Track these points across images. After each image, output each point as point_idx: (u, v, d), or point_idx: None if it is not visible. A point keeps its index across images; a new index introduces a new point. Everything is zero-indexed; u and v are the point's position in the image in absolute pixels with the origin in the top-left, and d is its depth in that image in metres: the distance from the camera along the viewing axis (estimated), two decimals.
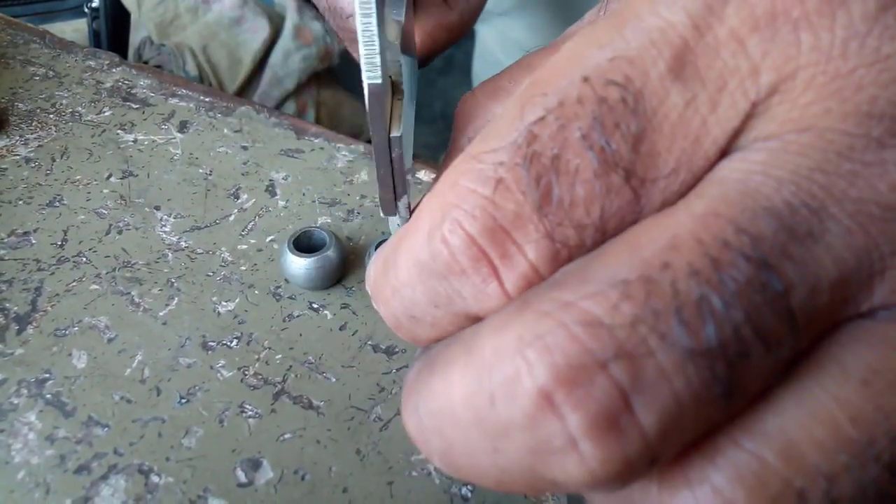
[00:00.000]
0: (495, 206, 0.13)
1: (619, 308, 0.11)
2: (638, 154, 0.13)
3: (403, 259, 0.14)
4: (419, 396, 0.14)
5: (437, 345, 0.15)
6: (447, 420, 0.13)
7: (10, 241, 0.30)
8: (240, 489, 0.22)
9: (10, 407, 0.24)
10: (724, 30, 0.12)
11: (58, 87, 0.38)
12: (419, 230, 0.14)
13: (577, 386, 0.11)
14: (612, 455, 0.11)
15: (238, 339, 0.26)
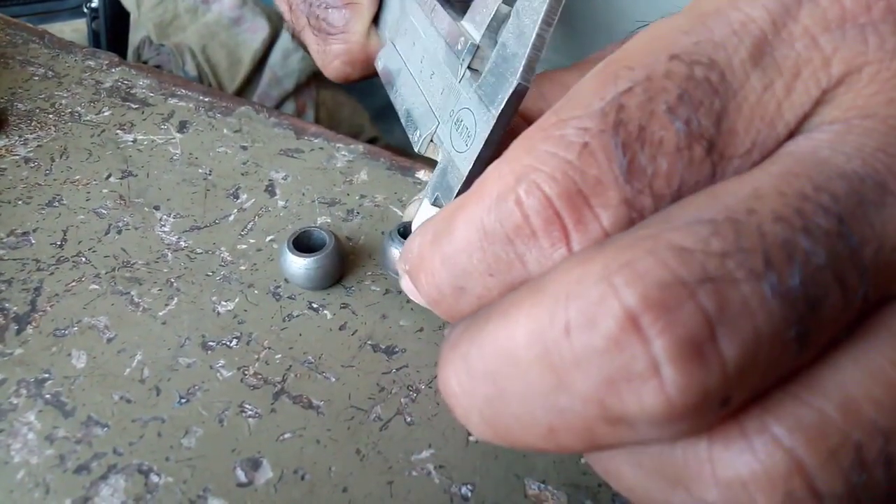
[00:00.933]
0: (577, 170, 0.13)
1: (708, 241, 0.12)
2: (720, 131, 0.13)
3: (463, 224, 0.15)
4: (469, 346, 0.14)
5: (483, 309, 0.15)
6: (504, 363, 0.13)
7: (9, 240, 0.30)
8: (239, 489, 0.22)
9: (10, 407, 0.24)
10: (799, 27, 0.13)
11: (57, 86, 0.38)
12: (486, 194, 0.14)
13: (666, 310, 0.11)
14: (693, 383, 0.11)
15: (238, 338, 0.26)
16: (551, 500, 0.22)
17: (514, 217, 0.14)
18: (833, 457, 0.12)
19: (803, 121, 0.13)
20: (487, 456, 0.23)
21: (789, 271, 0.12)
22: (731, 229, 0.12)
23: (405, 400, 0.25)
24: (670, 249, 0.12)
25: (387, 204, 0.32)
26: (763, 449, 0.12)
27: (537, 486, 0.23)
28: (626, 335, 0.11)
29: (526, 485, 0.23)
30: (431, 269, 0.16)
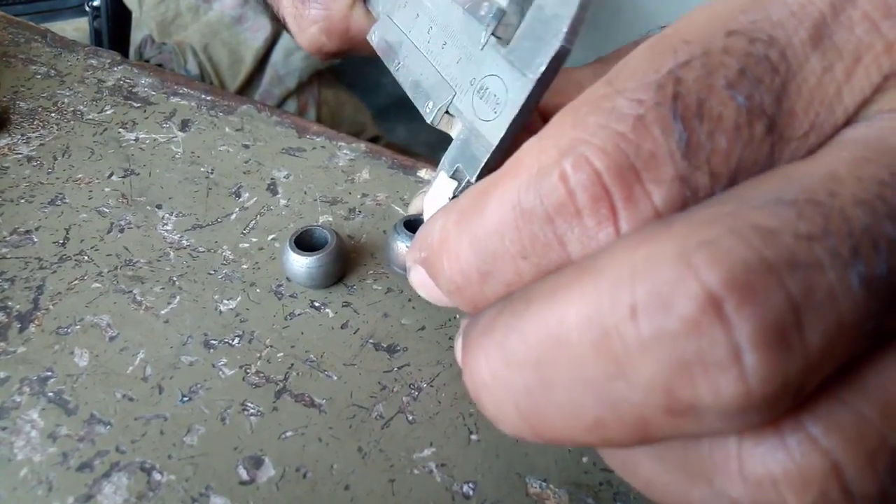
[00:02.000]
0: (631, 143, 0.12)
1: (794, 223, 0.11)
2: (780, 110, 0.13)
3: (496, 202, 0.14)
4: (506, 331, 0.13)
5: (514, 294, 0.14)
6: (551, 349, 0.12)
7: (12, 239, 0.30)
8: (242, 487, 0.22)
9: (13, 405, 0.24)
10: (858, 12, 0.13)
11: (59, 85, 0.38)
12: (523, 169, 0.13)
13: (753, 293, 0.11)
14: (775, 372, 0.11)
15: (240, 337, 0.26)
16: (553, 498, 0.22)
17: (558, 193, 0.13)
18: (870, 460, 0.11)
19: (862, 107, 0.13)
20: (489, 454, 0.23)
21: (876, 259, 0.11)
22: (817, 211, 0.11)
23: (407, 398, 0.25)
24: (755, 230, 0.11)
25: (388, 202, 0.32)
26: (798, 448, 0.11)
27: (539, 484, 0.23)
28: (706, 318, 0.11)
29: (527, 483, 0.23)
30: (456, 252, 0.15)
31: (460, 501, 0.22)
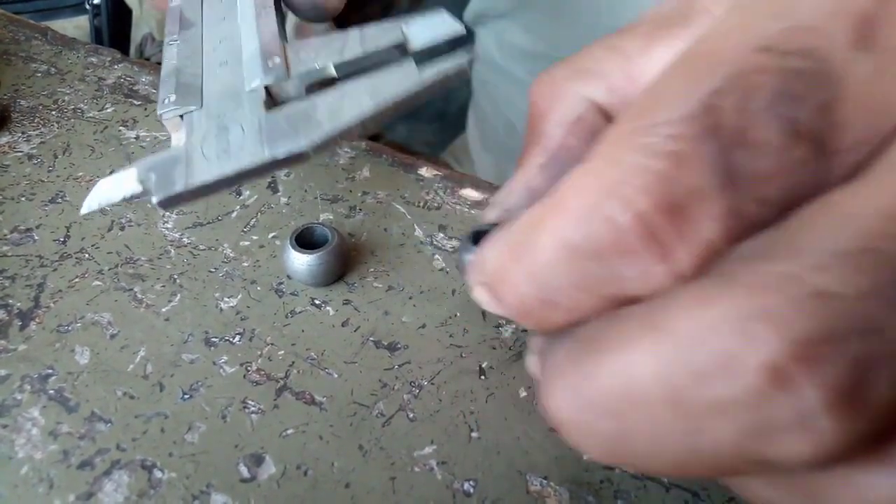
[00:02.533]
0: (672, 180, 0.12)
1: (853, 283, 0.11)
2: (824, 126, 0.12)
3: (547, 240, 0.14)
4: (580, 378, 0.13)
5: (583, 327, 0.14)
6: (627, 399, 0.12)
7: (12, 237, 0.30)
8: (242, 484, 0.22)
9: (14, 402, 0.24)
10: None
11: (60, 83, 0.38)
12: (568, 208, 0.13)
13: (818, 362, 0.11)
14: (849, 429, 0.11)
15: (240, 335, 0.26)
16: (553, 496, 0.22)
17: (605, 234, 0.12)
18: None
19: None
20: (490, 452, 0.23)
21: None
22: (876, 262, 0.11)
23: (407, 396, 0.25)
24: (815, 296, 0.11)
25: (389, 200, 0.32)
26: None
27: (539, 482, 0.23)
28: (772, 388, 0.11)
29: (528, 481, 0.23)
30: (513, 284, 0.15)
31: (461, 499, 0.22)
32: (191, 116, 0.23)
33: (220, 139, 0.22)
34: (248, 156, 0.21)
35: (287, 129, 0.21)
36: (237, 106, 0.23)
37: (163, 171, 0.21)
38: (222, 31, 0.27)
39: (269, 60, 0.24)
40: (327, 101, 0.22)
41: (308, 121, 0.21)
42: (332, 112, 0.21)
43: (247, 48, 0.25)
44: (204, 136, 0.22)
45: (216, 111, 0.23)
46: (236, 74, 0.24)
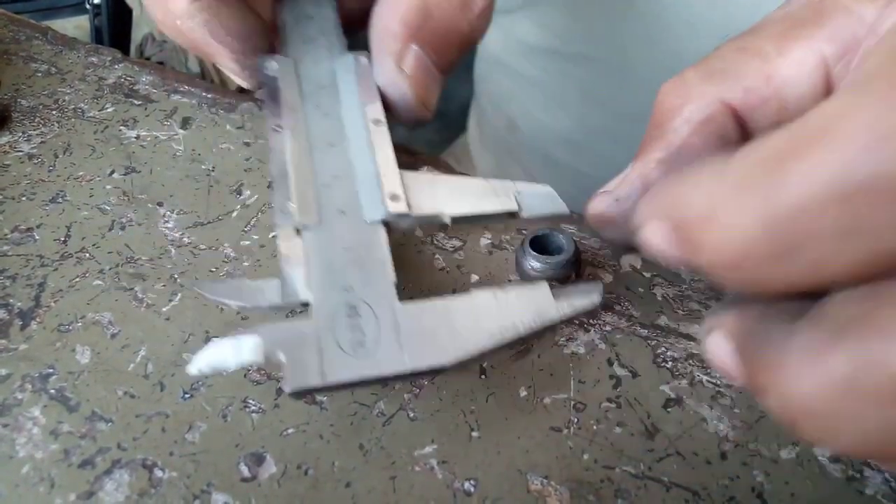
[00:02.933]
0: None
1: None
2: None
3: (807, 174, 0.12)
4: (855, 366, 0.12)
5: (834, 304, 0.13)
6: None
7: (13, 237, 0.30)
8: (243, 484, 0.22)
9: (15, 402, 0.24)
10: None
11: (60, 83, 0.38)
12: (846, 138, 0.12)
13: None
14: None
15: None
16: (554, 495, 0.22)
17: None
18: None
19: None
20: (490, 451, 0.23)
21: None
22: None
23: (408, 395, 0.25)
24: None
25: None
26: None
27: (540, 481, 0.23)
28: None
29: (528, 480, 0.23)
30: (736, 227, 0.13)
31: (461, 498, 0.22)
32: (309, 236, 0.24)
33: (354, 327, 0.22)
34: (388, 362, 0.21)
35: (425, 336, 0.22)
36: (357, 237, 0.24)
37: (293, 352, 0.21)
38: (328, 131, 0.28)
39: (390, 195, 0.25)
40: (464, 312, 0.23)
41: (447, 332, 0.22)
42: (471, 328, 0.22)
43: (361, 166, 0.26)
44: (334, 314, 0.22)
45: (335, 239, 0.24)
46: (350, 195, 0.25)
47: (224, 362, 0.21)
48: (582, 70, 0.52)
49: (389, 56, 0.28)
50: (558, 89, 0.54)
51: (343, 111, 0.29)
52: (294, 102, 0.29)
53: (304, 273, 0.23)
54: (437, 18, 0.28)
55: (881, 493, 0.22)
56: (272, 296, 0.23)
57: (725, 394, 0.25)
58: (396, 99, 0.29)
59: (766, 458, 0.23)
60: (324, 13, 0.34)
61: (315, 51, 0.32)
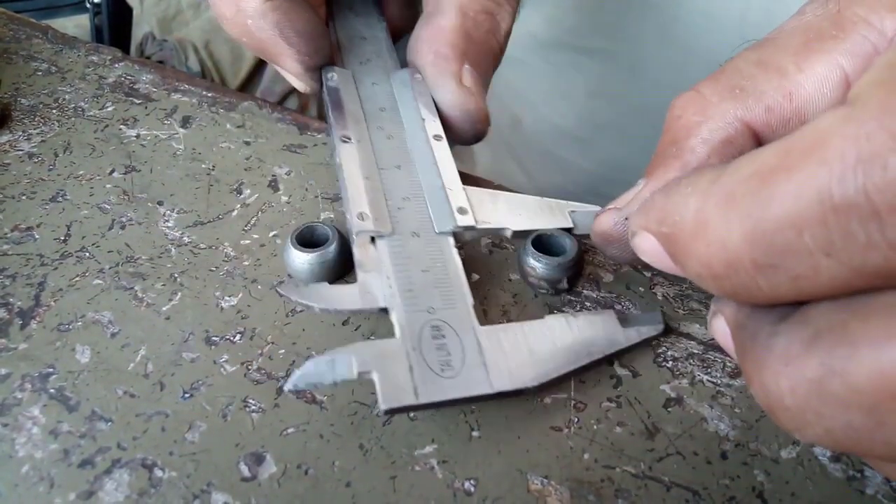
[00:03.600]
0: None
1: None
2: None
3: (793, 191, 0.12)
4: (824, 373, 0.12)
5: (820, 310, 0.13)
6: (889, 401, 0.12)
7: (13, 236, 0.30)
8: (243, 483, 0.22)
9: (14, 401, 0.24)
10: None
11: (60, 82, 0.38)
12: (833, 156, 0.12)
13: None
14: None
15: (241, 333, 0.26)
16: (554, 495, 0.22)
17: (886, 189, 0.11)
18: None
19: None
20: (490, 451, 0.23)
21: None
22: None
23: None
24: None
25: None
26: None
27: (540, 481, 0.23)
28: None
29: (529, 480, 0.23)
30: (721, 240, 0.13)
31: (461, 498, 0.22)
32: (384, 244, 0.25)
33: (440, 348, 0.23)
34: (475, 383, 0.22)
35: (507, 358, 0.23)
36: (430, 251, 0.26)
37: (386, 371, 0.22)
38: (394, 153, 0.29)
39: (458, 209, 0.27)
40: (541, 336, 0.24)
41: (527, 354, 0.23)
42: (549, 351, 0.24)
43: (427, 180, 0.28)
44: (420, 335, 0.23)
45: (411, 254, 0.25)
46: (420, 204, 0.27)
47: (320, 378, 0.22)
48: (591, 63, 0.51)
49: (450, 76, 0.30)
50: (566, 83, 0.54)
51: (406, 131, 0.30)
52: (357, 114, 0.30)
53: (382, 280, 0.24)
54: (476, 41, 0.31)
55: (882, 493, 0.22)
56: (352, 300, 0.24)
57: (726, 393, 0.25)
58: (460, 115, 0.30)
59: (767, 458, 0.23)
60: (376, 35, 0.36)
61: (372, 71, 0.33)
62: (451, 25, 0.30)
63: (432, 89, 0.31)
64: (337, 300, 0.24)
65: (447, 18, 0.30)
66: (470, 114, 0.30)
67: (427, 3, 0.32)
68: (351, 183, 0.27)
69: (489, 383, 0.22)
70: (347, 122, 0.30)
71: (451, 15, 0.30)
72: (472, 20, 0.31)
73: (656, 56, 0.47)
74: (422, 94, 0.31)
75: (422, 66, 0.31)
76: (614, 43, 0.49)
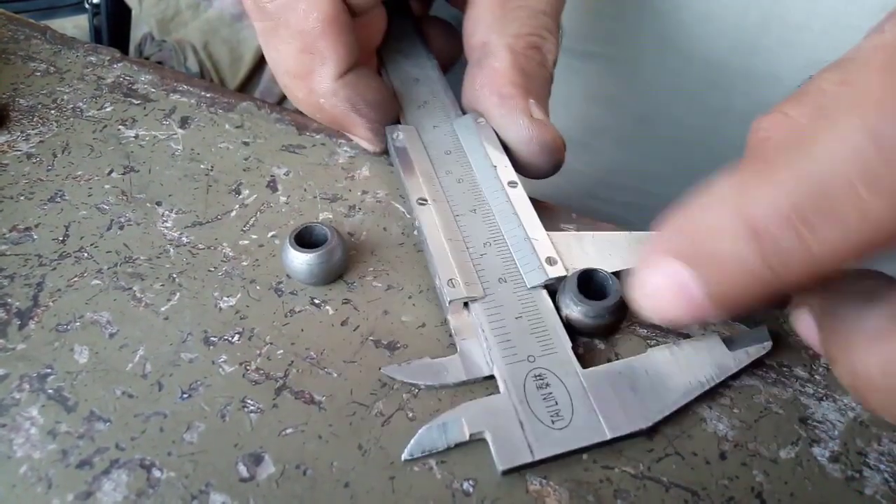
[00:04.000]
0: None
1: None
2: None
3: (837, 137, 0.14)
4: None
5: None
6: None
7: (11, 236, 0.30)
8: (242, 484, 0.22)
9: (12, 402, 0.24)
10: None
11: (59, 82, 0.38)
12: (872, 104, 0.13)
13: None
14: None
15: (240, 334, 0.26)
16: (553, 495, 0.22)
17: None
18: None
19: None
20: (489, 452, 0.23)
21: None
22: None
23: (407, 395, 0.25)
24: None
25: (388, 200, 0.32)
26: None
27: (539, 481, 0.23)
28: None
29: (527, 481, 0.23)
30: (768, 200, 0.15)
31: (460, 499, 0.22)
32: (477, 307, 0.25)
33: (546, 397, 0.23)
34: (588, 432, 0.22)
35: (616, 401, 0.23)
36: (523, 304, 0.25)
37: (497, 430, 0.22)
38: (466, 198, 0.29)
39: (546, 259, 0.26)
40: (647, 373, 0.24)
41: (635, 395, 0.23)
42: (658, 388, 0.23)
43: (509, 231, 0.27)
44: (523, 386, 0.23)
45: (504, 308, 0.25)
46: (507, 262, 0.27)
47: (434, 444, 0.22)
48: (590, 68, 0.51)
49: (520, 113, 0.30)
50: (564, 87, 0.54)
51: (476, 175, 0.30)
52: (428, 171, 0.30)
53: (483, 346, 0.24)
54: (532, 75, 0.31)
55: (880, 494, 0.22)
56: (457, 373, 0.24)
57: (725, 394, 0.25)
58: (539, 149, 0.30)
59: (766, 458, 0.23)
60: (428, 74, 0.36)
61: (431, 114, 0.33)
62: (505, 66, 0.31)
63: (503, 130, 0.31)
64: (442, 375, 0.24)
65: (500, 60, 0.31)
66: (548, 145, 0.30)
67: (472, 50, 0.33)
68: (435, 249, 0.27)
69: (602, 431, 0.22)
70: (421, 182, 0.30)
71: (503, 55, 0.31)
72: (524, 56, 0.31)
73: (655, 61, 0.47)
74: (488, 138, 0.31)
75: (486, 109, 0.31)
76: (613, 48, 0.49)
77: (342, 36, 0.30)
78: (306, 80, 0.31)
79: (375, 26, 0.35)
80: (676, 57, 0.46)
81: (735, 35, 0.43)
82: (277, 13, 0.30)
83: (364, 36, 0.34)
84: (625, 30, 0.48)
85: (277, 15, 0.30)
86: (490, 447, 0.22)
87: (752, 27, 0.42)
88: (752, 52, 0.43)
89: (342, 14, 0.30)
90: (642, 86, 0.49)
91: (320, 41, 0.30)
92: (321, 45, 0.30)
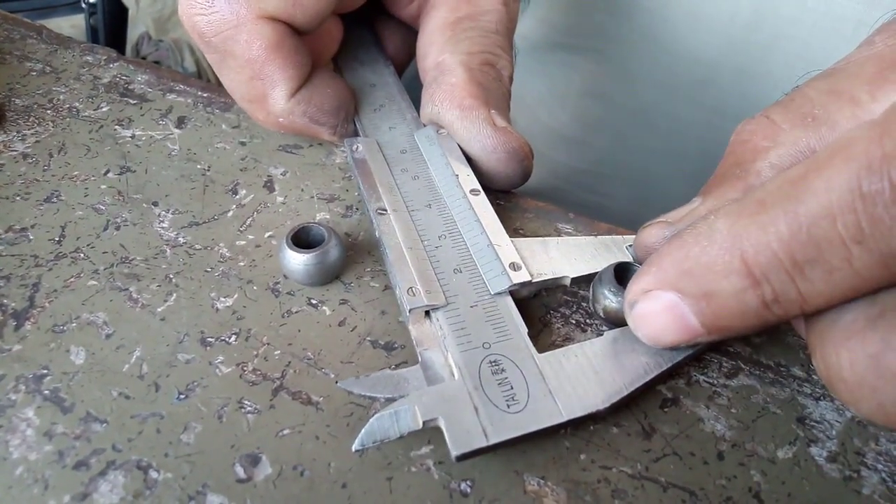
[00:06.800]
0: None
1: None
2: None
3: (824, 187, 0.14)
4: (882, 348, 0.14)
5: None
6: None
7: (7, 237, 0.30)
8: (239, 485, 0.22)
9: (8, 403, 0.24)
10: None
11: (55, 82, 0.38)
12: (859, 155, 0.14)
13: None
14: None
15: (237, 334, 0.26)
16: (550, 495, 0.22)
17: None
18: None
19: None
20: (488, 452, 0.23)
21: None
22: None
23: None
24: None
25: None
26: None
27: (537, 481, 0.23)
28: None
29: (525, 480, 0.23)
30: (759, 244, 0.15)
31: (458, 499, 0.22)
32: (439, 315, 0.25)
33: (501, 382, 0.22)
34: (544, 414, 0.22)
35: (573, 383, 0.22)
36: (485, 306, 0.25)
37: (451, 417, 0.22)
38: (422, 194, 0.29)
39: (510, 265, 0.26)
40: (604, 354, 0.23)
41: (593, 376, 0.23)
42: (615, 369, 0.23)
43: (472, 238, 0.27)
44: (478, 371, 0.23)
45: (465, 309, 0.25)
46: (470, 268, 0.26)
47: (385, 434, 0.22)
48: (583, 63, 0.52)
49: (483, 122, 0.30)
50: (558, 83, 0.54)
51: (434, 177, 0.30)
52: (388, 181, 0.30)
53: (443, 355, 0.24)
54: (489, 88, 0.32)
55: (878, 493, 0.22)
56: (418, 384, 0.23)
57: (722, 394, 0.25)
58: (506, 156, 0.30)
59: (763, 458, 0.23)
60: (385, 80, 0.36)
61: (387, 116, 0.34)
62: (462, 80, 0.31)
63: (467, 142, 0.31)
64: (402, 387, 0.23)
65: (456, 76, 0.31)
66: (516, 151, 0.30)
67: (426, 71, 0.33)
68: (395, 257, 0.27)
69: (558, 413, 0.22)
70: (380, 192, 0.29)
71: (459, 72, 0.31)
72: (479, 71, 0.32)
73: (646, 56, 0.47)
74: (450, 149, 0.31)
75: (449, 122, 0.31)
76: (605, 43, 0.49)
77: (289, 58, 0.30)
78: (262, 104, 0.31)
79: (330, 36, 0.36)
80: (667, 53, 0.46)
81: (726, 32, 0.43)
82: (222, 45, 0.30)
83: (318, 49, 0.34)
84: (616, 26, 0.48)
85: (223, 47, 0.30)
86: (444, 434, 0.21)
87: (744, 24, 0.42)
88: (743, 49, 0.43)
89: (286, 38, 0.30)
90: (635, 81, 0.49)
91: (267, 67, 0.30)
92: (269, 71, 0.30)
